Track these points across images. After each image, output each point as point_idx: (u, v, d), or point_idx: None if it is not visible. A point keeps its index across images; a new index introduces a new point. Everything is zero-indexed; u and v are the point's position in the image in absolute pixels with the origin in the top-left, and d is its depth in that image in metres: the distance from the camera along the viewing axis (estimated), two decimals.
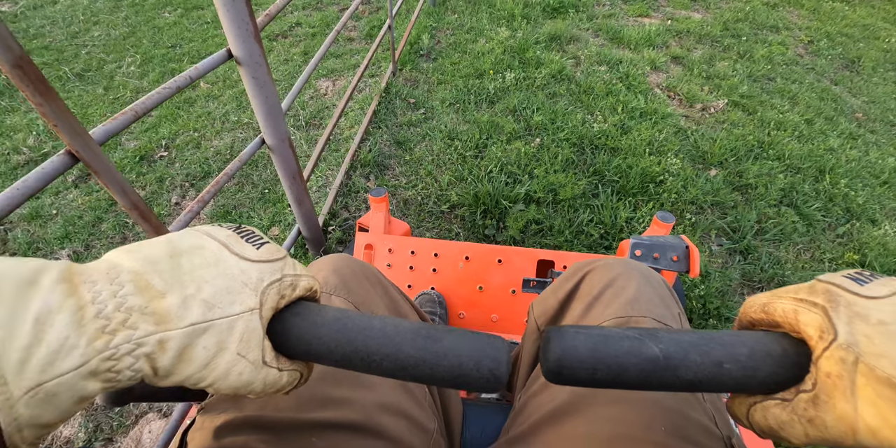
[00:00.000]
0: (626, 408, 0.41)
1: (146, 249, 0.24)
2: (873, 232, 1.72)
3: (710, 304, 1.38)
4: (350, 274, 0.52)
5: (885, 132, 2.40)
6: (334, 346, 0.26)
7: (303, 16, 3.09)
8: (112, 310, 0.20)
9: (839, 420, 0.22)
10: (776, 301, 0.27)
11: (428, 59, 2.65)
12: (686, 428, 0.39)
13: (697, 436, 0.39)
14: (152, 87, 2.42)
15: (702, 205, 1.77)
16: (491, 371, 0.25)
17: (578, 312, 0.51)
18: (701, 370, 0.25)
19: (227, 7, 0.89)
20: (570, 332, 0.26)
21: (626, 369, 0.25)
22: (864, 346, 0.22)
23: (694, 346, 0.26)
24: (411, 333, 0.26)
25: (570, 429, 0.41)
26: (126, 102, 2.31)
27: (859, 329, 0.22)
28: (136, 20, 3.11)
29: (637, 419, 0.39)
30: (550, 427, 0.43)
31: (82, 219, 1.67)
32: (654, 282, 0.52)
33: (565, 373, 0.25)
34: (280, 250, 0.28)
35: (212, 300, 0.23)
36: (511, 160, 1.86)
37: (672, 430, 0.38)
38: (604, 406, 0.41)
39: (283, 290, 0.26)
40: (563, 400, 0.44)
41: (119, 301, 0.21)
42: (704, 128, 2.22)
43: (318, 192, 1.74)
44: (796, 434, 0.24)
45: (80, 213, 1.70)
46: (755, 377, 0.25)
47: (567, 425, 0.42)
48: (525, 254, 1.01)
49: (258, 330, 0.24)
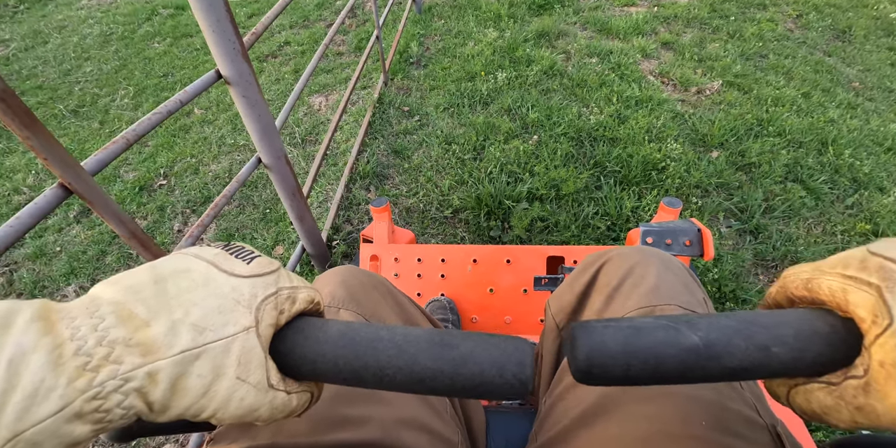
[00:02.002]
0: (660, 404, 0.38)
1: (129, 278, 0.22)
2: (883, 200, 1.69)
3: (725, 286, 1.36)
4: (358, 285, 0.51)
5: (884, 99, 2.37)
6: (342, 364, 0.24)
7: (291, 34, 3.11)
8: (93, 345, 0.19)
9: (893, 409, 0.20)
10: (821, 277, 0.24)
11: (418, 66, 2.65)
12: (727, 420, 0.37)
13: (739, 427, 0.37)
14: None
15: (706, 188, 1.74)
16: (515, 376, 0.23)
17: (598, 305, 0.49)
18: (747, 356, 0.23)
19: (213, 28, 0.89)
20: (597, 327, 0.24)
21: (663, 362, 0.23)
22: None
23: (735, 330, 0.23)
24: (425, 342, 0.24)
25: (602, 430, 0.39)
26: None
27: None
28: (126, 53, 3.15)
29: (674, 415, 0.37)
30: (582, 430, 0.40)
31: (86, 253, 1.68)
32: (674, 267, 0.50)
33: (596, 371, 0.23)
34: (273, 263, 0.26)
35: (202, 323, 0.21)
36: (510, 159, 1.85)
37: (712, 424, 0.36)
38: (637, 404, 0.39)
39: (280, 305, 0.25)
40: (591, 401, 0.42)
41: (100, 335, 0.19)
42: (702, 110, 2.19)
43: (319, 208, 1.74)
44: (843, 419, 0.22)
45: (84, 248, 1.71)
46: (803, 359, 0.23)
47: (599, 427, 0.39)
48: (533, 251, 1.00)
49: (257, 350, 0.23)
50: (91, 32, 3.46)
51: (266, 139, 1.10)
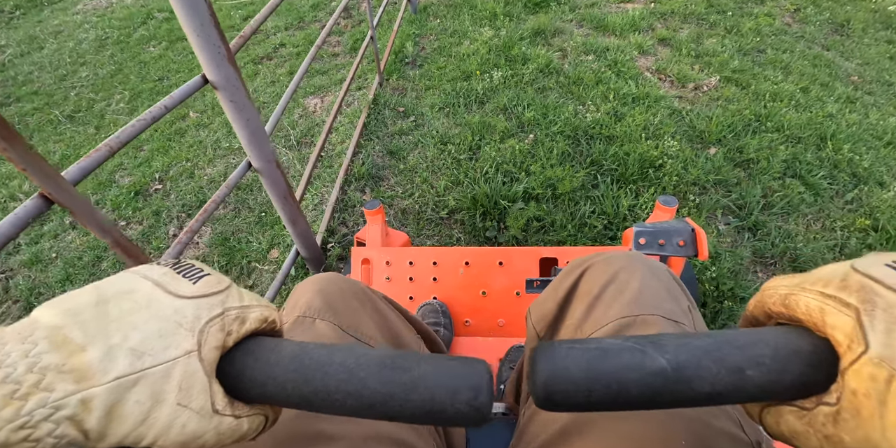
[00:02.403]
0: (640, 422, 0.37)
1: (70, 300, 0.22)
2: (883, 195, 1.67)
3: (724, 285, 1.34)
4: (336, 294, 0.50)
5: (883, 92, 2.35)
6: (291, 388, 0.23)
7: (286, 36, 3.10)
8: (23, 372, 0.18)
9: (861, 443, 0.19)
10: (800, 294, 0.23)
11: (414, 66, 2.64)
12: (709, 438, 0.35)
13: (723, 445, 0.35)
14: None
15: (704, 185, 1.73)
16: (468, 403, 0.22)
17: (579, 314, 0.47)
18: (719, 380, 0.21)
19: (198, 33, 0.88)
20: (559, 349, 0.23)
21: (628, 388, 0.22)
22: None
23: (706, 352, 0.22)
24: (376, 366, 0.23)
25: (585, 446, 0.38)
26: None
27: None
28: (121, 57, 3.15)
29: (654, 434, 0.36)
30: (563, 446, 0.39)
31: (82, 259, 1.68)
32: (659, 274, 0.49)
33: (557, 398, 0.22)
34: (221, 281, 0.26)
35: (141, 347, 0.21)
36: (506, 159, 1.84)
37: (694, 443, 0.35)
38: (615, 421, 0.38)
39: (228, 326, 0.24)
40: (569, 417, 0.40)
41: (31, 361, 0.19)
42: (699, 107, 2.18)
43: (314, 211, 1.73)
44: (811, 446, 0.21)
45: (80, 254, 1.70)
46: (780, 382, 0.21)
47: (582, 443, 0.38)
48: (526, 253, 0.99)
49: (199, 374, 0.22)
50: (87, 37, 3.46)
51: (255, 143, 1.09)
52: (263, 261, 1.54)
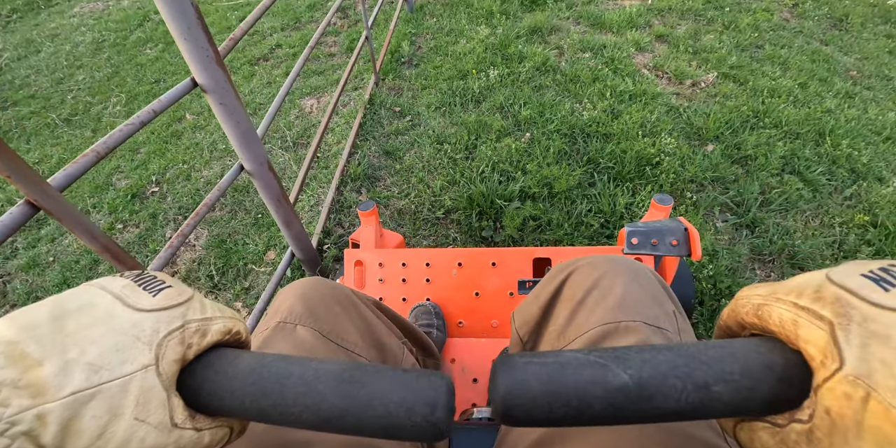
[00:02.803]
0: (618, 433, 0.36)
1: (27, 315, 0.21)
2: (882, 190, 1.66)
3: (721, 283, 1.34)
4: (318, 299, 0.49)
5: (882, 87, 2.33)
6: (249, 401, 0.23)
7: (282, 37, 3.10)
8: None
9: None
10: (773, 304, 0.22)
11: (410, 65, 2.63)
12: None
13: None
14: None
15: (702, 182, 1.72)
16: (425, 418, 0.21)
17: (562, 320, 0.47)
18: (683, 397, 0.21)
19: (185, 36, 0.88)
20: (518, 364, 0.22)
21: (589, 404, 0.21)
22: (881, 379, 0.17)
23: (672, 366, 0.21)
24: (335, 379, 0.23)
25: None
26: None
27: (876, 355, 0.18)
28: (118, 60, 3.15)
29: (631, 445, 0.35)
30: None
31: (79, 263, 1.68)
32: (642, 278, 0.48)
33: (516, 413, 0.21)
34: (183, 293, 0.25)
35: (98, 362, 0.21)
36: (502, 158, 1.83)
37: None
38: (593, 432, 0.37)
39: (188, 339, 0.24)
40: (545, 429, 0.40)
41: None
42: (696, 103, 2.17)
43: (310, 212, 1.73)
44: None
45: (77, 257, 1.71)
46: (752, 398, 0.21)
47: None
48: (519, 254, 0.98)
49: (157, 388, 0.22)
50: (83, 40, 3.46)
51: (247, 145, 1.09)
52: (260, 262, 1.54)
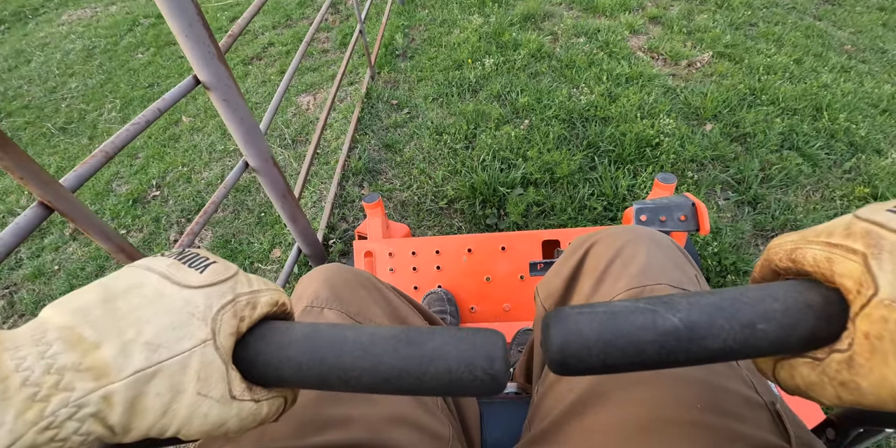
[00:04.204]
0: (652, 388, 0.37)
1: (78, 299, 0.22)
2: (881, 162, 1.67)
3: (726, 260, 1.35)
4: (342, 283, 0.50)
5: (877, 60, 2.33)
6: (306, 368, 0.23)
7: (274, 35, 3.08)
8: (40, 374, 0.18)
9: (877, 386, 0.19)
10: (806, 246, 0.23)
11: (404, 58, 2.62)
12: (724, 401, 0.36)
13: (737, 408, 0.35)
14: None
15: (702, 161, 1.72)
16: (485, 371, 0.22)
17: (587, 289, 0.47)
18: (731, 336, 0.21)
19: (186, 33, 0.88)
20: (570, 315, 0.23)
21: (642, 348, 0.22)
22: None
23: (718, 308, 0.22)
24: (391, 340, 0.23)
25: (595, 420, 0.38)
26: None
27: None
28: (110, 66, 3.13)
29: (668, 399, 0.36)
30: (574, 420, 0.39)
31: (84, 270, 1.68)
32: (663, 245, 0.49)
33: (571, 362, 0.22)
34: (229, 268, 0.26)
35: (156, 341, 0.21)
36: (502, 146, 1.83)
37: (709, 406, 0.35)
38: (629, 389, 0.38)
39: (240, 312, 0.24)
40: (583, 388, 0.41)
41: (48, 362, 0.19)
42: (693, 83, 2.17)
43: (313, 208, 1.73)
44: (827, 396, 0.21)
45: (82, 264, 1.71)
46: (793, 335, 0.21)
47: (590, 416, 0.39)
48: (528, 237, 0.99)
49: (216, 363, 0.22)
50: (73, 48, 3.44)
51: (251, 142, 1.09)
52: (266, 261, 1.55)
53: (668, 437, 0.34)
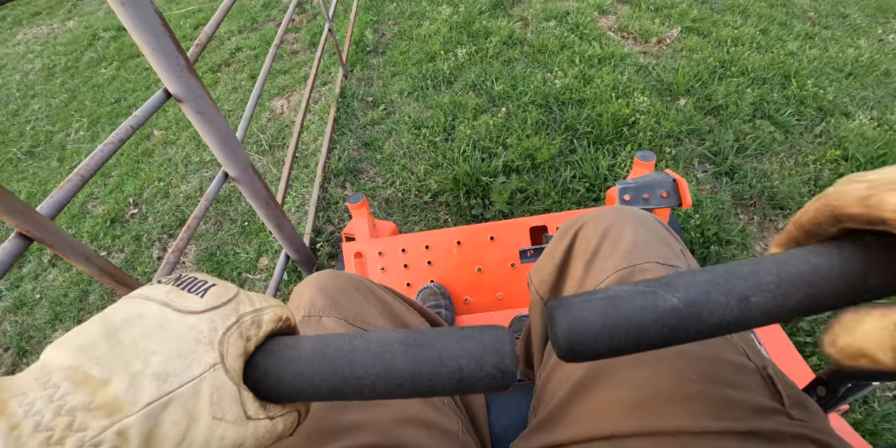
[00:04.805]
0: (651, 365, 0.38)
1: (79, 337, 0.21)
2: (849, 125, 1.71)
3: (708, 230, 1.38)
4: (336, 289, 0.50)
5: (839, 25, 2.38)
6: (319, 380, 0.24)
7: (241, 40, 3.02)
8: (51, 417, 0.18)
9: None
10: (885, 193, 0.21)
11: (376, 54, 2.60)
12: (718, 370, 0.37)
13: (732, 375, 0.37)
14: None
15: (678, 136, 1.75)
16: (496, 367, 0.23)
17: (579, 273, 0.48)
18: (728, 311, 0.22)
19: (153, 45, 0.86)
20: (574, 303, 0.24)
21: (646, 329, 0.23)
22: None
23: (713, 285, 0.23)
24: (400, 345, 0.24)
25: (597, 400, 0.39)
26: None
27: None
28: (73, 83, 3.04)
29: (666, 374, 0.37)
30: (577, 401, 0.40)
31: (68, 296, 1.64)
32: (647, 223, 0.51)
33: (579, 349, 0.23)
34: (229, 289, 0.25)
35: (164, 370, 0.21)
36: (481, 135, 1.83)
37: (704, 377, 0.36)
38: (628, 368, 0.39)
39: (246, 332, 0.24)
40: (584, 371, 0.42)
41: (57, 405, 0.19)
42: (664, 60, 2.19)
43: (297, 212, 1.72)
44: None
45: (65, 290, 1.67)
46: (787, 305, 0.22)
47: (593, 397, 0.40)
48: (515, 225, 1.00)
49: (228, 385, 0.22)
50: (33, 68, 3.33)
51: (229, 152, 1.07)
52: (254, 270, 1.53)
53: (668, 411, 0.35)
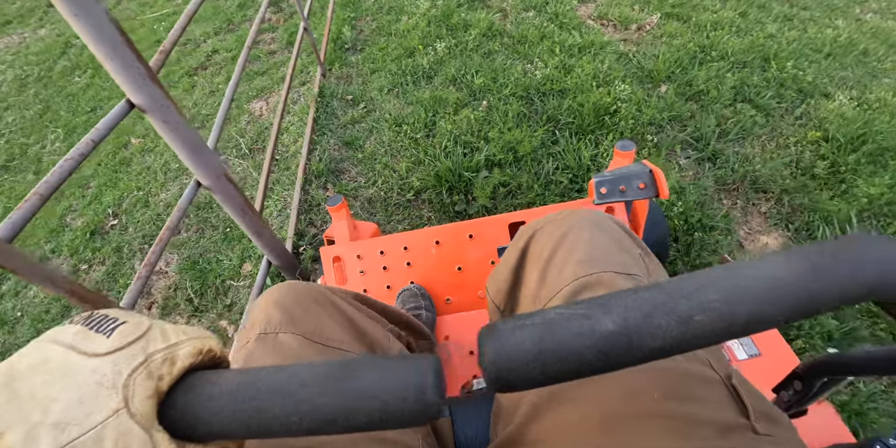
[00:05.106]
0: (610, 382, 0.37)
1: None
2: (829, 105, 1.71)
3: (692, 217, 1.37)
4: (294, 303, 0.48)
5: (818, 6, 2.37)
6: (245, 418, 0.22)
7: (217, 42, 2.97)
8: None
9: None
10: None
11: (355, 51, 2.56)
12: (681, 385, 0.35)
13: (696, 390, 0.35)
14: None
15: (660, 123, 1.74)
16: (418, 401, 0.21)
17: (534, 282, 0.47)
18: (669, 333, 0.21)
19: (111, 56, 0.83)
20: (503, 330, 0.22)
21: (581, 357, 0.21)
22: None
23: (654, 305, 0.22)
24: (324, 379, 0.23)
25: (559, 418, 0.38)
26: None
27: None
28: (47, 94, 2.98)
29: (627, 391, 0.36)
30: (534, 424, 0.39)
31: (49, 312, 1.62)
32: (605, 227, 0.49)
33: (512, 378, 0.21)
34: (140, 325, 0.24)
35: (64, 419, 0.20)
36: (463, 130, 1.82)
37: (667, 393, 0.35)
38: (587, 384, 0.37)
39: (156, 371, 0.23)
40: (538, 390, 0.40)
41: None
42: (644, 47, 2.18)
43: (280, 216, 1.70)
44: None
45: (46, 307, 1.65)
46: (735, 323, 0.21)
47: (554, 416, 0.38)
48: (495, 222, 0.99)
49: (134, 430, 0.21)
50: (4, 79, 3.26)
51: (199, 160, 1.05)
52: (238, 277, 1.52)
53: (630, 432, 0.34)
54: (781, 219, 1.42)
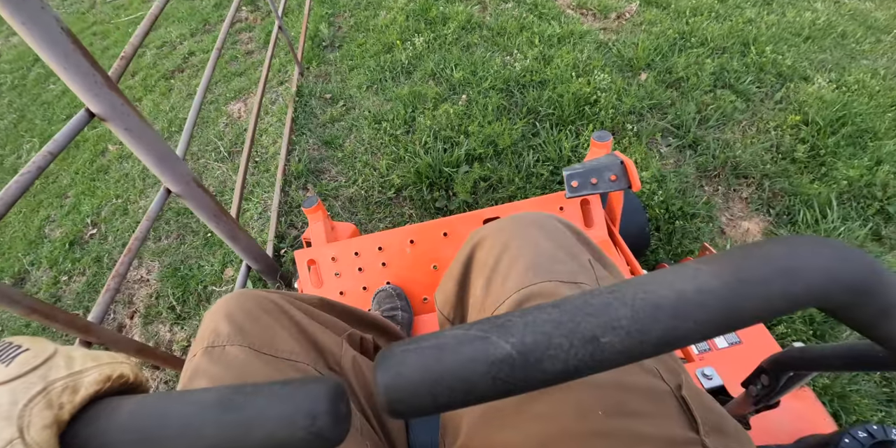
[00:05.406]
0: (554, 398, 0.35)
1: None
2: (808, 89, 1.70)
3: (673, 205, 1.37)
4: (243, 314, 0.47)
5: None
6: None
7: (193, 43, 2.92)
8: None
9: None
10: None
11: (332, 48, 2.53)
12: (627, 400, 0.34)
13: (642, 404, 0.34)
14: (62, 166, 2.30)
15: (640, 112, 1.73)
16: (308, 430, 0.20)
17: (480, 291, 0.45)
18: (572, 355, 0.19)
19: (64, 65, 0.81)
20: (396, 354, 0.21)
21: (474, 383, 0.19)
22: None
23: (557, 325, 0.20)
24: (213, 408, 0.22)
25: (501, 439, 0.36)
26: (36, 192, 2.19)
27: None
28: (21, 102, 2.92)
29: (570, 409, 0.34)
30: (481, 440, 0.38)
31: (29, 327, 1.59)
32: (552, 232, 0.47)
33: (400, 407, 0.20)
34: (41, 353, 0.23)
35: None
36: (442, 125, 1.80)
37: (611, 410, 0.33)
38: (529, 402, 0.36)
39: (56, 400, 0.22)
40: (483, 406, 0.39)
41: None
42: (624, 35, 2.16)
43: (260, 219, 1.68)
44: None
45: (26, 320, 1.62)
46: (647, 342, 0.19)
47: (496, 436, 0.37)
48: (469, 218, 0.98)
49: None
50: None
51: (167, 167, 1.03)
52: (220, 282, 1.50)
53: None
54: (763, 204, 1.41)
